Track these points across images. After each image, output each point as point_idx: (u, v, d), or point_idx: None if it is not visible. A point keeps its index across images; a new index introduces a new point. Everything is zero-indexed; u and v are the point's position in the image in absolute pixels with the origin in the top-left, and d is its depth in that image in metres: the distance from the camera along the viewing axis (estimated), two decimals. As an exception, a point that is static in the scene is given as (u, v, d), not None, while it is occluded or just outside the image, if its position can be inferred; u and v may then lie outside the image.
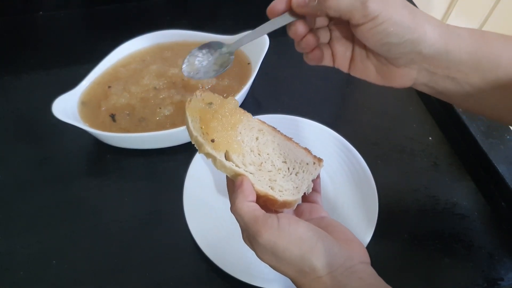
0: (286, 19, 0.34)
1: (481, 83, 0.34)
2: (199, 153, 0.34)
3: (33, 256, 0.44)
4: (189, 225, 0.45)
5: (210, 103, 0.35)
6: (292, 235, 0.29)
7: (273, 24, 0.34)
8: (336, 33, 0.36)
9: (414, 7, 0.33)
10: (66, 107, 0.50)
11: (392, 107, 0.62)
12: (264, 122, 0.37)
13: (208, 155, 0.33)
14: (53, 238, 0.46)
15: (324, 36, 0.36)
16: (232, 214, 0.32)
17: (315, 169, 0.36)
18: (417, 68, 0.34)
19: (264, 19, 0.35)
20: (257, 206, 0.31)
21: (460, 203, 0.52)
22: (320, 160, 0.37)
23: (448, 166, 0.55)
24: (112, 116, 0.52)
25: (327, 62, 0.38)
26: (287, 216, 0.30)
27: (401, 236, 0.48)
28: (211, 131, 0.34)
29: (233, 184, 0.33)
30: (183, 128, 0.49)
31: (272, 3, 0.34)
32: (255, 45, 0.55)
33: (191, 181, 0.49)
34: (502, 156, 0.52)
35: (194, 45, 0.60)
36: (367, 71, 0.36)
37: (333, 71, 0.37)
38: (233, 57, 0.38)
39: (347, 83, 0.66)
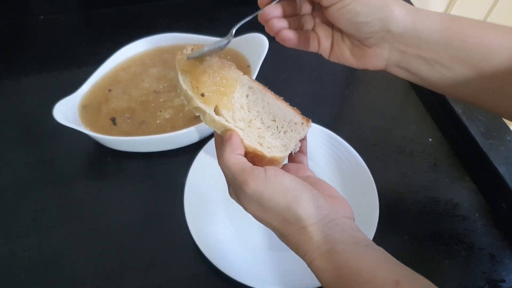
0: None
1: (452, 63, 0.35)
2: (187, 107, 0.34)
3: (34, 259, 0.45)
4: (190, 227, 0.45)
5: (202, 61, 0.35)
6: (278, 185, 0.30)
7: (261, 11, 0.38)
8: (318, 20, 0.38)
9: None
10: (67, 110, 0.50)
11: (391, 108, 0.62)
12: (255, 80, 0.37)
13: (197, 109, 0.33)
14: (54, 241, 0.46)
15: (309, 22, 0.39)
16: (221, 168, 0.32)
17: (303, 129, 0.36)
18: (388, 47, 0.36)
19: (259, 23, 0.36)
20: (244, 159, 0.32)
21: (460, 204, 0.52)
22: (308, 120, 0.37)
23: (448, 167, 0.55)
24: (113, 120, 0.53)
25: (312, 47, 0.40)
26: (273, 168, 0.31)
27: (402, 237, 0.48)
28: (201, 85, 0.34)
29: (222, 140, 0.33)
30: (184, 131, 0.50)
31: None
32: (255, 48, 0.55)
33: (192, 184, 0.49)
34: (502, 157, 0.52)
35: (193, 48, 0.61)
36: (343, 54, 0.38)
37: (332, 73, 0.38)
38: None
39: (346, 85, 0.66)
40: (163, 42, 0.61)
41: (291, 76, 0.60)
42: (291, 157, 0.37)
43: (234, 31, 0.38)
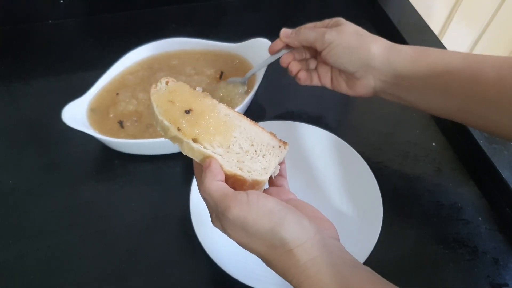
0: (281, 53, 0.50)
1: (424, 89, 0.43)
2: (165, 138, 0.34)
3: (43, 260, 0.45)
4: (196, 229, 0.46)
5: (188, 110, 0.34)
6: (261, 209, 0.30)
7: (272, 58, 0.51)
8: (320, 60, 0.50)
9: (365, 31, 0.45)
10: (76, 114, 0.51)
11: (395, 113, 0.63)
12: (230, 108, 0.38)
13: (174, 139, 0.34)
14: (62, 243, 0.47)
15: (312, 64, 0.51)
16: (201, 196, 0.33)
17: (281, 152, 0.36)
18: (372, 78, 0.45)
19: (265, 26, 0.37)
20: (225, 185, 0.32)
21: (464, 208, 0.52)
22: (285, 143, 0.37)
23: (452, 171, 0.56)
24: (120, 123, 0.53)
25: (315, 82, 0.51)
26: (255, 192, 0.31)
27: (406, 241, 0.49)
28: (178, 123, 0.34)
29: (201, 169, 0.33)
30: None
31: (271, 44, 0.50)
32: (260, 53, 0.56)
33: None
34: (506, 162, 0.52)
35: (200, 53, 0.62)
36: (340, 85, 0.49)
37: None
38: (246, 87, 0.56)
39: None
40: (171, 47, 0.61)
41: (295, 81, 0.60)
42: (271, 181, 0.38)
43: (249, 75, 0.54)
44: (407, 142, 0.59)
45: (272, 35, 0.56)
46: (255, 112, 0.61)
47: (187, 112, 0.34)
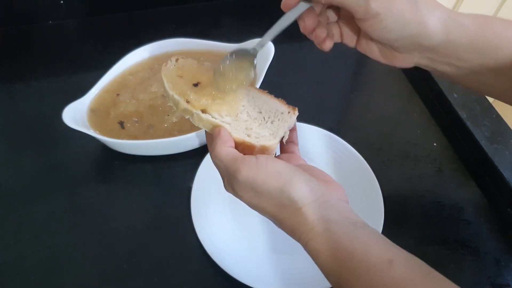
0: (298, 11, 0.35)
1: (480, 67, 0.36)
2: (176, 112, 0.35)
3: (43, 261, 0.45)
4: (197, 230, 0.46)
5: (196, 83, 0.36)
6: (270, 170, 0.30)
7: (288, 17, 0.36)
8: (344, 13, 0.38)
9: None
10: (76, 114, 0.51)
11: (396, 113, 0.62)
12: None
13: (185, 111, 0.35)
14: (62, 243, 0.47)
15: (333, 15, 0.38)
16: (213, 162, 0.33)
17: (290, 117, 0.36)
18: (418, 55, 0.36)
19: (267, 26, 0.36)
20: (235, 150, 0.32)
21: (465, 209, 0.52)
22: (294, 108, 0.37)
23: (453, 171, 0.56)
24: (121, 123, 0.53)
25: (336, 39, 0.39)
26: (265, 155, 0.31)
27: (407, 241, 0.48)
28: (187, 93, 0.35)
29: (212, 137, 0.34)
30: (191, 135, 0.50)
31: None
32: (261, 54, 0.56)
33: (199, 187, 0.49)
34: (507, 162, 0.52)
35: (201, 54, 0.61)
36: (372, 51, 0.38)
37: (336, 78, 0.37)
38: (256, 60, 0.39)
39: (351, 89, 0.67)
40: (171, 47, 0.61)
41: (296, 81, 0.61)
42: (283, 148, 0.38)
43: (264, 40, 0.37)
44: (408, 142, 0.58)
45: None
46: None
47: (195, 85, 0.36)
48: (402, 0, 0.32)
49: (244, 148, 0.34)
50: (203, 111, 0.34)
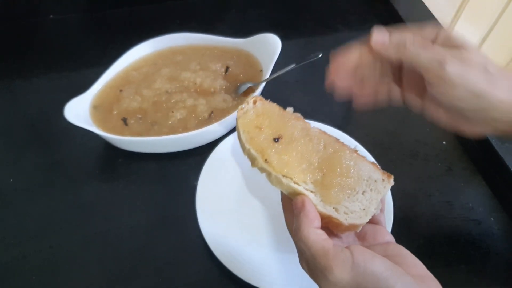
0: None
1: None
2: (252, 167, 0.31)
3: (45, 261, 0.44)
4: (202, 229, 0.45)
5: (277, 138, 0.31)
6: (367, 275, 0.26)
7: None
8: (407, 73, 0.35)
9: (493, 64, 0.32)
10: (78, 110, 0.50)
11: (405, 112, 0.61)
12: (325, 133, 0.33)
13: (262, 169, 0.31)
14: (64, 243, 0.46)
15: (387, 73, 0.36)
16: (294, 241, 0.30)
17: (384, 187, 0.32)
18: (483, 125, 0.34)
19: (270, 21, 0.35)
20: (325, 235, 0.29)
21: (475, 209, 0.51)
22: (389, 176, 0.33)
23: (463, 170, 0.55)
24: (124, 120, 0.52)
25: (393, 98, 0.38)
26: (360, 250, 0.27)
27: (417, 241, 0.48)
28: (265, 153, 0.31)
29: (289, 203, 0.30)
30: (195, 132, 0.49)
31: (334, 64, 0.35)
32: (267, 48, 0.55)
33: (204, 185, 0.48)
34: (518, 161, 0.51)
35: (206, 48, 0.60)
36: (438, 114, 0.35)
37: None
38: None
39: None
40: (175, 42, 0.60)
41: (303, 77, 0.59)
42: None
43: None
44: (417, 141, 0.57)
45: (277, 31, 0.55)
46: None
47: (276, 140, 0.31)
48: (478, 68, 0.31)
49: (328, 222, 0.30)
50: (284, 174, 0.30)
